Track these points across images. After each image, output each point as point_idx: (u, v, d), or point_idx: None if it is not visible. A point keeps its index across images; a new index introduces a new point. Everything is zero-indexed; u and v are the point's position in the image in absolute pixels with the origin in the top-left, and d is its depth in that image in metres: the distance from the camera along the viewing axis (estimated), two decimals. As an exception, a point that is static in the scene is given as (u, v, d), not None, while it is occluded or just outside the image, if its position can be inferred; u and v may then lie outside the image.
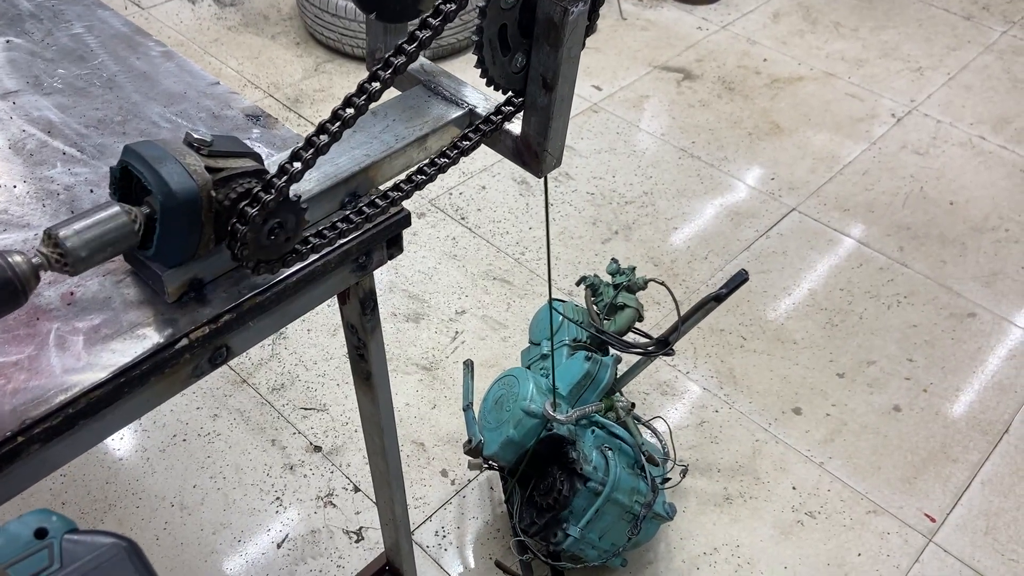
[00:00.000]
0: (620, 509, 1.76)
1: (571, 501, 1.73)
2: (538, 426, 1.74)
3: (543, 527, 1.77)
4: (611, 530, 1.78)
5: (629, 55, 3.79)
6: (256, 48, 3.65)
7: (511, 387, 1.81)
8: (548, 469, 1.79)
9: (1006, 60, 3.85)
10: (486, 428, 1.82)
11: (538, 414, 1.73)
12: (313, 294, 1.01)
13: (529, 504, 1.82)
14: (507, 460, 1.79)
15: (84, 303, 0.88)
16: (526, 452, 1.78)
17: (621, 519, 1.77)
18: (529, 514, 1.81)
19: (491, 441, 1.79)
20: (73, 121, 1.10)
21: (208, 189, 0.81)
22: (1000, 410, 2.41)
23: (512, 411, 1.76)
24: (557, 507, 1.74)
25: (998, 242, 2.94)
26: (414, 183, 1.01)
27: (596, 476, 1.74)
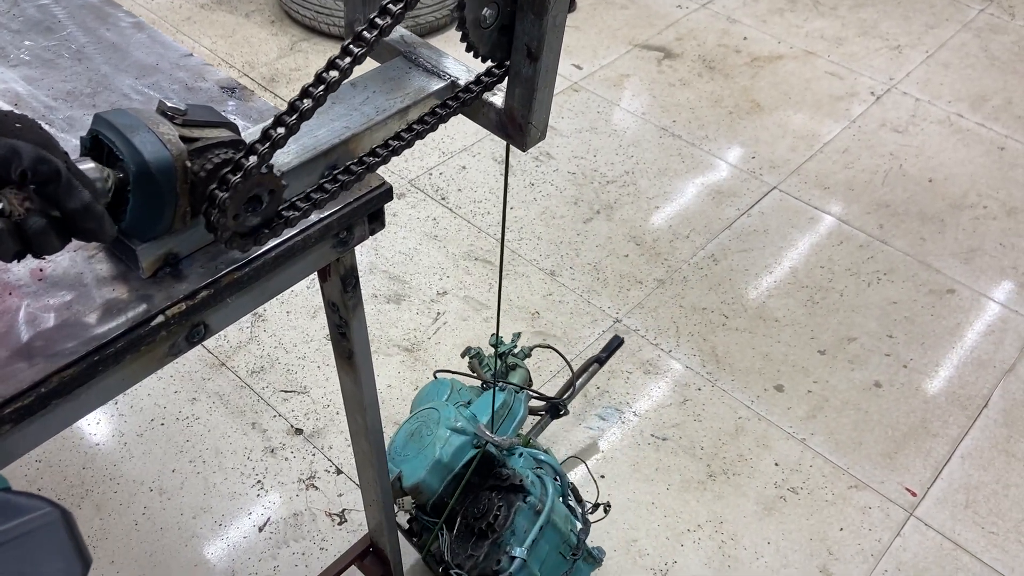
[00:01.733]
0: (558, 537, 1.65)
1: (512, 520, 1.61)
2: (467, 445, 1.66)
3: (485, 556, 1.60)
4: (548, 562, 1.65)
5: (609, 34, 3.76)
6: (230, 27, 3.59)
7: (428, 418, 1.72)
8: (480, 494, 1.67)
9: (983, 38, 3.87)
10: (397, 461, 1.69)
11: (469, 432, 1.65)
12: (293, 270, 0.98)
13: (461, 538, 1.66)
14: (432, 489, 1.65)
15: (55, 279, 0.85)
16: (456, 479, 1.66)
17: (559, 551, 1.66)
18: (463, 549, 1.64)
19: (413, 469, 1.64)
20: (41, 93, 1.06)
21: (183, 159, 0.78)
22: (979, 385, 2.43)
23: (435, 434, 1.67)
24: (498, 528, 1.61)
25: (976, 219, 2.96)
26: (391, 148, 0.98)
27: (535, 490, 1.65)
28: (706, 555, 2.03)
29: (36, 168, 0.67)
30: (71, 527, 0.59)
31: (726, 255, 2.79)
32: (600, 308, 2.57)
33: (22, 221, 0.68)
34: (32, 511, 0.58)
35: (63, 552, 0.57)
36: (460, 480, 1.66)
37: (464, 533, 1.66)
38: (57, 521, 0.59)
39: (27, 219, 0.68)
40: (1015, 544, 2.08)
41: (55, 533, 0.58)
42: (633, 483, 2.14)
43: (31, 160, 0.67)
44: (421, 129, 0.98)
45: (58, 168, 0.68)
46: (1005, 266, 2.79)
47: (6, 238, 0.67)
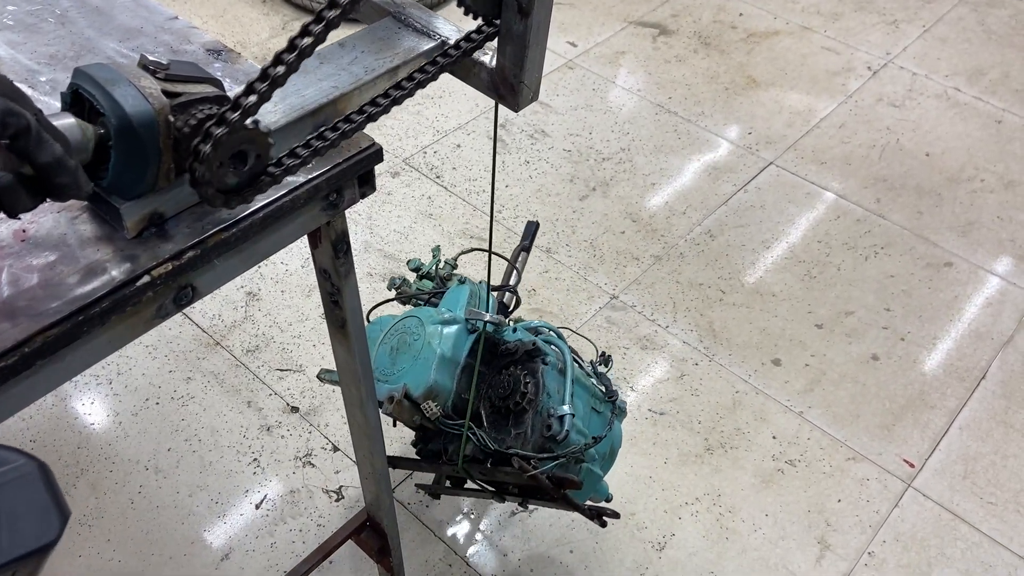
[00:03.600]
0: (587, 393, 1.57)
1: (544, 385, 1.49)
2: (463, 333, 1.54)
3: (531, 428, 1.47)
4: (587, 420, 1.55)
5: (604, 11, 3.73)
6: (221, 6, 3.55)
7: (406, 328, 1.59)
8: (495, 377, 1.55)
9: (980, 12, 3.84)
10: (394, 379, 1.53)
11: (459, 319, 1.54)
12: (282, 232, 0.97)
13: (496, 426, 1.52)
14: (446, 388, 1.51)
15: (38, 240, 0.83)
16: (465, 372, 1.53)
17: (591, 407, 1.57)
18: (505, 434, 1.50)
19: (417, 377, 1.50)
20: (23, 57, 1.04)
21: (165, 114, 0.77)
22: (977, 357, 2.43)
23: (424, 336, 1.53)
24: (534, 397, 1.48)
25: (973, 192, 2.95)
26: (379, 106, 0.96)
27: (549, 350, 1.54)
28: (704, 528, 2.03)
29: (5, 121, 0.66)
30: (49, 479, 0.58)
31: (723, 231, 2.77)
32: (596, 285, 2.56)
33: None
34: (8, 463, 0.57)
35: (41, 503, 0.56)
36: (469, 372, 1.54)
37: (496, 419, 1.53)
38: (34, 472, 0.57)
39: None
40: (1014, 514, 2.08)
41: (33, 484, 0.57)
42: (631, 457, 2.14)
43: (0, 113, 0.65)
44: (410, 87, 0.97)
45: (28, 121, 0.67)
46: (1003, 239, 2.78)
47: None
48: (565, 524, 2.01)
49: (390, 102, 0.96)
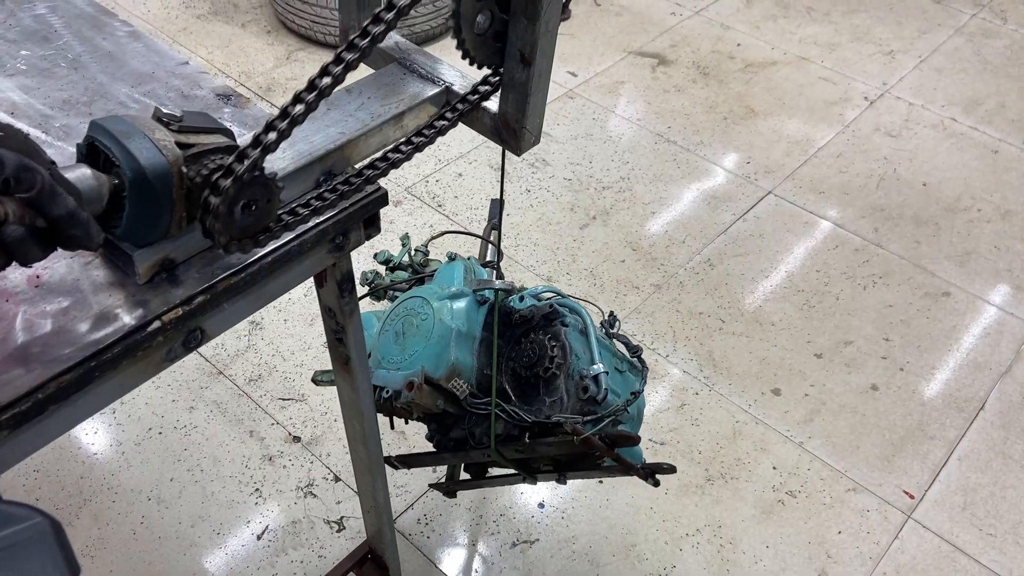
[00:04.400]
0: (609, 352, 1.48)
1: (571, 347, 1.41)
2: (473, 305, 1.46)
3: (566, 393, 1.39)
4: (613, 380, 1.44)
5: (604, 41, 3.78)
6: (226, 37, 3.60)
7: (410, 309, 1.49)
8: (515, 348, 1.47)
9: (976, 43, 3.89)
10: (407, 365, 1.42)
11: (466, 292, 1.46)
12: (289, 275, 0.99)
13: (525, 398, 1.43)
14: (468, 365, 1.42)
15: (52, 285, 0.85)
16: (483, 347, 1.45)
17: (615, 368, 1.47)
18: (539, 404, 1.41)
19: (434, 358, 1.39)
20: (37, 102, 1.07)
21: (179, 165, 0.79)
22: (975, 387, 2.44)
23: (432, 314, 1.44)
24: (566, 358, 1.40)
25: (971, 222, 2.97)
26: (389, 161, 0.99)
27: (566, 313, 1.46)
28: (705, 559, 2.03)
29: (19, 176, 0.67)
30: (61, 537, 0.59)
31: (722, 260, 2.79)
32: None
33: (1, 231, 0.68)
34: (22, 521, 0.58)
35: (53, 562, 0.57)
36: (487, 347, 1.45)
37: (524, 391, 1.44)
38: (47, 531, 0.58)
39: (4, 229, 0.68)
40: (1013, 546, 2.08)
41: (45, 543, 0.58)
42: (631, 488, 2.14)
43: (13, 168, 0.67)
44: (420, 142, 0.99)
45: (41, 175, 0.69)
46: (1000, 269, 2.80)
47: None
48: (566, 555, 2.01)
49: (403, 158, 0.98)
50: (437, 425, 1.52)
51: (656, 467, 1.49)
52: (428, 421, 1.51)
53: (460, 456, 1.52)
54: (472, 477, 1.64)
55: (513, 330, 1.48)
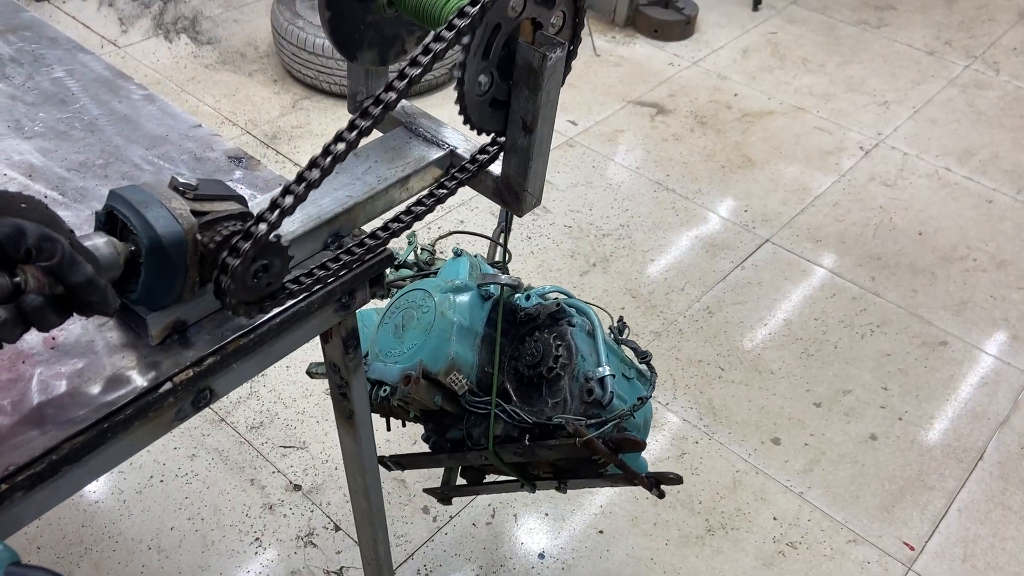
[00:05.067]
0: (617, 358, 1.44)
1: (577, 347, 1.36)
2: (476, 300, 1.41)
3: (570, 394, 1.34)
4: (620, 386, 1.40)
5: (603, 90, 3.85)
6: (233, 85, 3.67)
7: (411, 302, 1.43)
8: (519, 347, 1.42)
9: (969, 94, 3.96)
10: (405, 358, 1.35)
11: (471, 286, 1.41)
12: (296, 334, 1.01)
13: (527, 399, 1.38)
14: (468, 361, 1.36)
15: (67, 347, 0.88)
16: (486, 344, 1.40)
17: (622, 374, 1.43)
18: (541, 404, 1.36)
19: (433, 352, 1.33)
20: (55, 164, 1.10)
21: (194, 232, 0.82)
22: (974, 437, 2.45)
23: (434, 307, 1.38)
24: (571, 359, 1.35)
25: (966, 271, 3.00)
26: (391, 230, 1.01)
27: (573, 313, 1.42)
28: (705, 611, 2.02)
29: (40, 245, 0.70)
30: None
31: (721, 307, 2.82)
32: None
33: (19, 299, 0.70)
34: None
35: None
36: (489, 343, 1.40)
37: (526, 392, 1.38)
38: None
39: (24, 298, 0.70)
40: (1015, 598, 2.08)
41: None
42: (632, 538, 2.14)
43: (36, 238, 0.70)
44: (420, 211, 1.02)
45: (62, 244, 0.71)
46: (996, 318, 2.82)
47: (10, 325, 0.70)
48: (566, 607, 2.01)
49: (403, 227, 1.01)
50: (434, 425, 1.47)
51: (662, 477, 1.44)
52: (425, 421, 1.46)
53: (457, 458, 1.46)
54: (468, 483, 1.57)
55: (517, 328, 1.43)
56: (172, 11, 4.13)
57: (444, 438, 1.46)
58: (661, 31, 4.21)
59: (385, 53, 1.18)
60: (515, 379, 1.40)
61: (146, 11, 4.12)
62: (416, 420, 1.46)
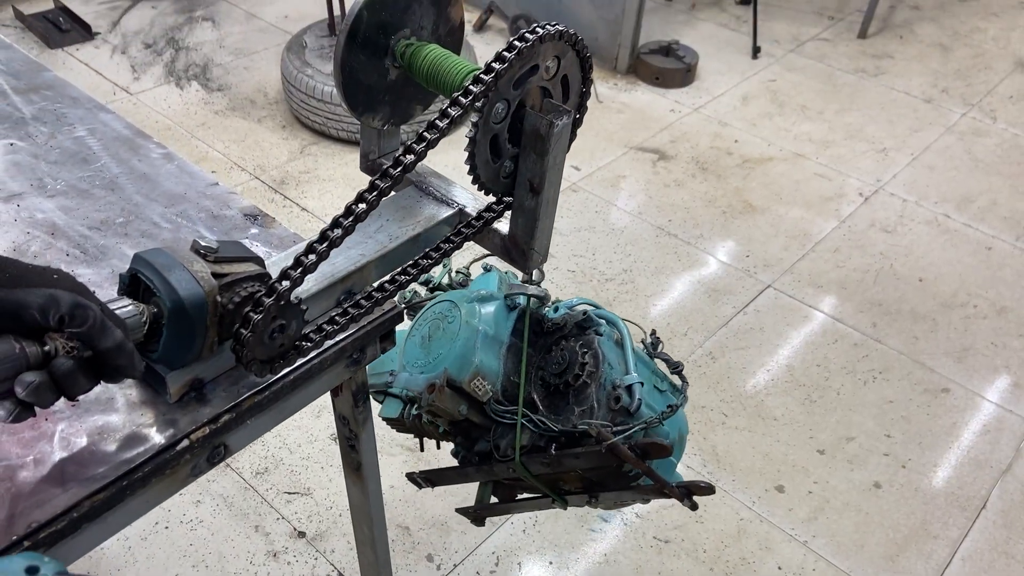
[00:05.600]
0: (648, 369, 1.41)
1: (604, 356, 1.35)
2: (502, 310, 1.41)
3: (596, 403, 1.32)
4: (650, 397, 1.37)
5: (606, 136, 3.91)
6: (243, 131, 3.74)
7: (439, 312, 1.44)
8: (546, 356, 1.40)
9: (967, 141, 4.02)
10: (430, 368, 1.36)
11: (498, 296, 1.41)
12: (309, 390, 1.04)
13: (553, 408, 1.36)
14: (494, 370, 1.35)
15: (88, 403, 0.90)
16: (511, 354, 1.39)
17: (654, 385, 1.40)
18: (567, 412, 1.34)
19: (459, 360, 1.33)
20: (76, 223, 1.14)
21: (214, 294, 0.85)
22: (977, 486, 2.45)
23: (460, 317, 1.38)
24: (598, 366, 1.34)
25: (967, 318, 3.03)
26: (398, 283, 1.05)
27: (601, 323, 1.40)
28: (710, 662, 2.01)
29: (73, 313, 0.73)
30: None
31: (724, 352, 2.84)
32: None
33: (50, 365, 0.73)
34: None
35: None
36: (515, 353, 1.39)
37: (553, 401, 1.37)
38: None
39: (54, 362, 0.73)
40: (1022, 650, 2.06)
41: None
42: (636, 587, 2.14)
43: (69, 306, 0.73)
44: (427, 264, 1.05)
45: (94, 311, 0.74)
46: (998, 365, 2.84)
47: (44, 389, 0.73)
48: (570, 657, 1.99)
49: (418, 272, 1.04)
50: (462, 438, 1.45)
51: (693, 486, 1.40)
52: (454, 435, 1.45)
53: (484, 471, 1.44)
54: (500, 501, 1.55)
55: (545, 338, 1.43)
56: (184, 59, 4.22)
57: (472, 451, 1.45)
58: (662, 78, 4.29)
59: (396, 115, 1.22)
60: (542, 389, 1.39)
61: (158, 59, 4.21)
62: (445, 436, 1.44)
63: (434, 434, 1.44)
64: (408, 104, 1.21)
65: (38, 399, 0.71)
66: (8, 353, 0.72)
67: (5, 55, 1.51)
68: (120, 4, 4.68)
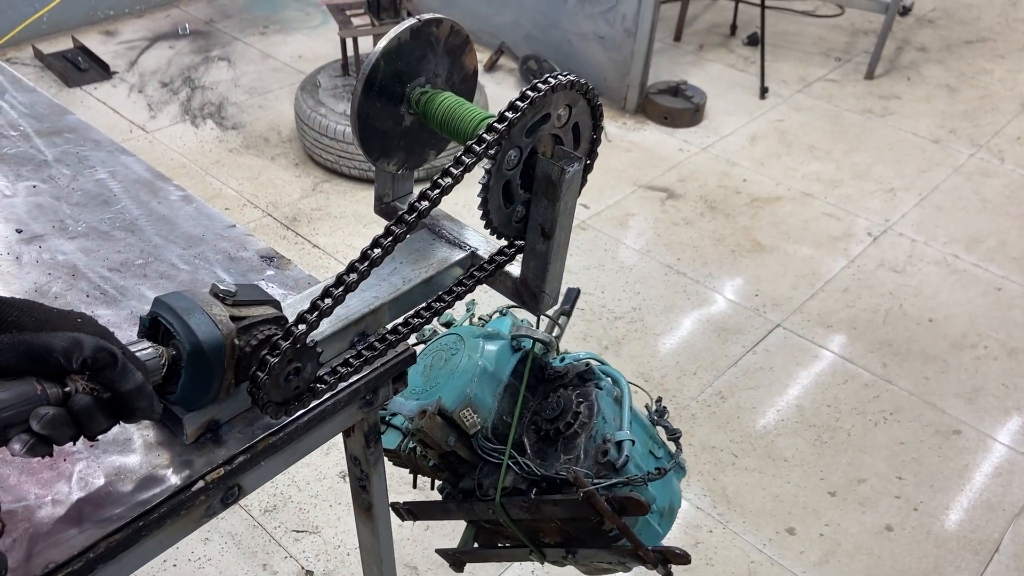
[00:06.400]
0: (645, 433, 1.40)
1: (599, 408, 1.35)
2: (507, 350, 1.41)
3: (584, 453, 1.32)
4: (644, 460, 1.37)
5: (615, 175, 3.95)
6: (256, 169, 3.79)
7: (444, 345, 1.45)
8: (543, 402, 1.41)
9: (975, 181, 4.04)
10: (426, 395, 1.37)
11: (504, 336, 1.41)
12: (322, 431, 1.05)
13: (540, 454, 1.36)
14: (486, 405, 1.36)
15: (106, 444, 0.91)
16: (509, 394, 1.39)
17: (648, 449, 1.40)
18: (553, 459, 1.34)
19: (453, 391, 1.34)
20: (97, 264, 1.16)
21: (232, 338, 0.86)
22: (989, 529, 2.42)
23: (464, 350, 1.40)
24: (587, 420, 1.33)
25: (978, 359, 3.02)
26: (412, 325, 1.06)
27: (602, 376, 1.41)
28: None
29: (96, 356, 0.75)
30: None
31: (733, 392, 2.84)
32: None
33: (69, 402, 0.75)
34: None
35: None
36: (512, 394, 1.39)
37: (542, 447, 1.36)
38: None
39: (73, 398, 0.75)
40: None
41: None
42: (645, 630, 2.11)
43: (92, 349, 0.75)
44: (440, 307, 1.07)
45: (116, 354, 0.76)
46: (1009, 407, 2.82)
47: (59, 422, 0.74)
48: None
49: (432, 314, 1.06)
50: (449, 473, 1.46)
51: (669, 553, 1.39)
52: (442, 469, 1.44)
53: (465, 509, 1.44)
54: (480, 544, 1.54)
55: (545, 385, 1.44)
56: (199, 97, 4.29)
57: (456, 488, 1.45)
58: (671, 118, 4.34)
59: (410, 160, 1.24)
60: (534, 433, 1.39)
61: (174, 97, 4.29)
62: (435, 471, 1.45)
63: (426, 469, 1.44)
64: (422, 149, 1.24)
65: (52, 431, 0.72)
66: (29, 394, 0.73)
67: (28, 98, 1.55)
68: (138, 44, 4.78)
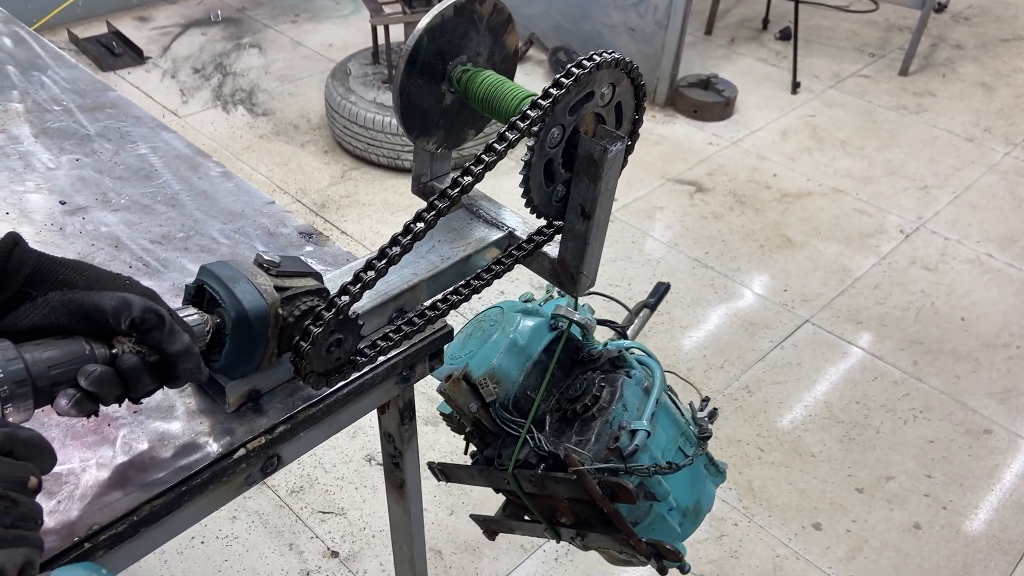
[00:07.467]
0: (675, 428, 1.38)
1: (621, 395, 1.33)
2: (543, 327, 1.41)
3: (596, 437, 1.31)
4: (668, 456, 1.36)
5: (643, 168, 3.93)
6: (286, 155, 3.81)
7: (487, 317, 1.46)
8: (570, 382, 1.40)
9: (1009, 180, 3.97)
10: (458, 362, 1.37)
11: (544, 313, 1.42)
12: (359, 405, 1.05)
13: (557, 432, 1.36)
14: (511, 378, 1.36)
15: (149, 411, 0.92)
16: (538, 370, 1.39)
17: (678, 445, 1.38)
18: (564, 439, 1.34)
19: (482, 359, 1.35)
20: (139, 236, 1.17)
21: (276, 307, 0.87)
22: (1019, 529, 2.39)
23: (501, 322, 1.40)
24: (605, 404, 1.33)
25: (1010, 359, 2.97)
26: (451, 302, 1.06)
27: (636, 368, 1.38)
28: None
29: (144, 317, 0.76)
30: None
31: (760, 387, 2.81)
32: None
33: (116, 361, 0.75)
34: None
35: None
36: (541, 370, 1.39)
37: (560, 426, 1.36)
38: None
39: (121, 357, 0.75)
40: None
41: None
42: (669, 621, 2.11)
43: (140, 310, 0.76)
44: (479, 284, 1.07)
45: (164, 315, 0.77)
46: (1042, 407, 2.78)
47: (107, 381, 0.74)
48: None
49: (470, 291, 1.06)
50: (479, 441, 1.46)
51: (660, 547, 1.36)
52: (475, 436, 1.45)
53: (484, 475, 1.45)
54: (507, 515, 1.55)
55: (577, 367, 1.43)
56: (231, 84, 4.33)
57: (482, 455, 1.46)
58: (701, 112, 4.31)
59: (449, 139, 1.24)
60: (556, 413, 1.39)
61: (206, 83, 4.32)
62: (470, 436, 1.45)
63: (467, 435, 1.44)
64: (462, 128, 1.24)
65: (100, 389, 0.73)
66: (79, 353, 0.74)
67: (71, 75, 1.57)
68: (171, 30, 4.82)
